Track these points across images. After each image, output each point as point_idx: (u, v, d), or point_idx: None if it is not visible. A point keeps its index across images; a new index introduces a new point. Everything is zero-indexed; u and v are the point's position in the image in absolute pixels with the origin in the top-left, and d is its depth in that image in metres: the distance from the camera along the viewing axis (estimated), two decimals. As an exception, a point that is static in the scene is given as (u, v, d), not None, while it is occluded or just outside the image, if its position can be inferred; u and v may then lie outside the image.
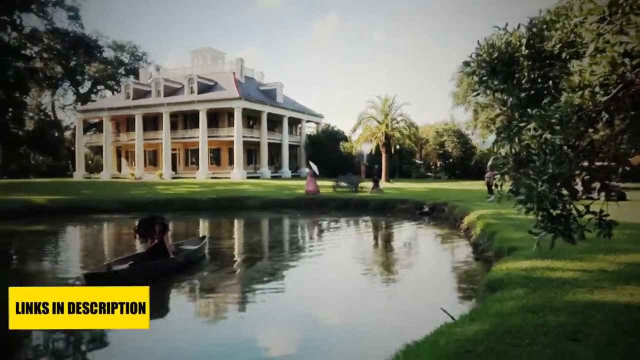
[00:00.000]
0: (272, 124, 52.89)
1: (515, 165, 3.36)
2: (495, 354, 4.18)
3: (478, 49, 3.92)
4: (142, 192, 29.28)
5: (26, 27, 34.80)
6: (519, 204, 3.26)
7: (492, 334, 4.66)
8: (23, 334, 6.67)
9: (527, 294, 6.04)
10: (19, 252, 14.51)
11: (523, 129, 3.36)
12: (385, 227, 19.09)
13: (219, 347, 6.30)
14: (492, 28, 3.89)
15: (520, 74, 3.83)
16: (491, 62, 3.82)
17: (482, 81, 3.94)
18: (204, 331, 7.00)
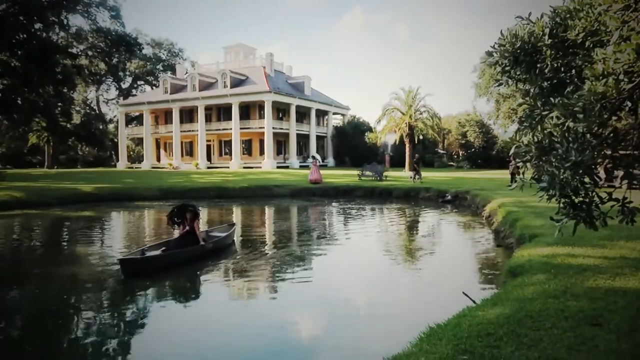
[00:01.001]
0: (300, 116, 52.94)
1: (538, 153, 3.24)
2: (516, 337, 4.10)
3: (501, 39, 3.78)
4: (180, 180, 29.76)
5: (72, 27, 35.49)
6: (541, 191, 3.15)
7: (513, 318, 4.57)
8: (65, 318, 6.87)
9: (548, 280, 5.90)
10: (68, 236, 14.96)
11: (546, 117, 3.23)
12: (408, 214, 18.92)
13: (249, 329, 6.31)
14: (515, 18, 3.75)
15: (543, 64, 3.68)
16: (514, 52, 3.68)
17: (505, 71, 3.81)
18: (234, 314, 7.03)
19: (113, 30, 36.01)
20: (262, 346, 5.69)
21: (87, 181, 28.86)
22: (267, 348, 5.62)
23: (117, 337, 6.03)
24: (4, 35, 29.93)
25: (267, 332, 6.12)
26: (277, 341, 5.81)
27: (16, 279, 9.00)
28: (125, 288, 8.05)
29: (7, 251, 12.15)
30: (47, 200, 21.61)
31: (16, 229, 15.82)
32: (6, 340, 5.96)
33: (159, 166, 53.10)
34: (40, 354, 5.47)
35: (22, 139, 58.81)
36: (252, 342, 5.80)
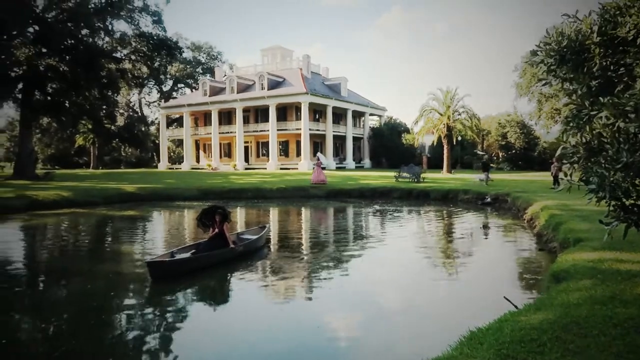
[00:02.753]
0: (336, 117, 52.97)
1: (586, 154, 3.15)
2: (562, 344, 3.98)
3: (546, 37, 3.69)
4: (218, 181, 30.32)
5: (117, 32, 36.60)
6: (590, 194, 3.06)
7: (557, 324, 4.44)
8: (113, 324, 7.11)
9: (594, 285, 5.70)
10: (113, 234, 15.50)
11: (594, 117, 3.14)
12: (447, 216, 18.63)
13: (286, 329, 6.36)
14: (562, 16, 3.65)
15: (591, 62, 3.57)
16: (560, 51, 3.59)
17: (551, 70, 3.72)
18: (269, 315, 7.01)
19: (155, 35, 36.96)
20: (298, 347, 5.71)
21: (130, 181, 29.80)
22: (304, 349, 5.64)
23: (153, 337, 6.15)
24: (54, 41, 31.24)
25: (304, 333, 6.14)
26: (314, 343, 5.82)
27: (64, 275, 9.40)
28: (162, 288, 8.13)
29: (56, 248, 12.70)
30: (93, 199, 22.47)
31: (64, 227, 16.51)
32: (53, 334, 6.24)
33: (198, 167, 54.22)
34: (82, 349, 5.69)
35: (70, 141, 61.24)
36: (288, 343, 5.82)
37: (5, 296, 7.83)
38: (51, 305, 7.47)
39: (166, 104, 59.28)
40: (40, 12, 31.84)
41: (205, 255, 9.35)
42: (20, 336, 6.15)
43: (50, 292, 8.49)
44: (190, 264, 8.96)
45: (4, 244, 13.26)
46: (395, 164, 44.37)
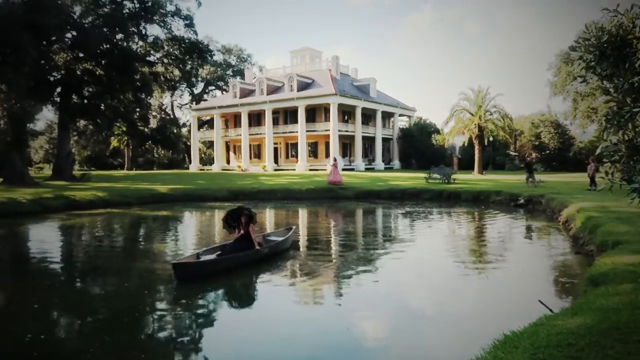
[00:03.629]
0: (366, 118, 52.80)
1: (628, 152, 3.03)
2: (600, 349, 3.85)
3: (585, 33, 3.57)
4: (248, 182, 30.64)
5: (150, 36, 37.43)
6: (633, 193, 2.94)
7: (596, 329, 4.29)
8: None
9: (635, 290, 5.49)
10: (146, 233, 15.85)
11: (637, 114, 3.02)
12: (478, 218, 18.30)
13: (315, 331, 6.32)
14: (602, 10, 3.52)
15: (633, 57, 3.44)
16: (600, 46, 3.47)
17: (590, 66, 3.59)
18: (298, 315, 7.02)
19: (187, 38, 37.64)
20: (327, 349, 5.66)
21: (163, 182, 30.43)
22: (333, 351, 5.59)
23: (183, 337, 6.21)
24: (90, 46, 32.20)
25: (333, 335, 6.07)
26: (343, 344, 5.76)
27: (100, 273, 9.66)
28: (191, 288, 8.16)
29: (92, 247, 13.07)
30: (127, 200, 23.06)
31: (100, 227, 16.98)
32: (88, 330, 6.41)
33: (229, 168, 54.91)
34: (116, 345, 5.82)
35: (105, 143, 62.98)
36: (317, 345, 5.79)
37: (44, 292, 8.10)
38: (87, 302, 7.69)
39: (197, 106, 60.28)
40: (77, 18, 32.88)
41: (231, 257, 9.28)
42: (57, 331, 6.34)
43: (86, 289, 8.74)
44: (215, 265, 8.92)
45: (43, 242, 13.75)
46: (425, 165, 43.89)
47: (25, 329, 6.08)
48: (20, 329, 6.09)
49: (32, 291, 8.19)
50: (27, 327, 6.14)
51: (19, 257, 11.81)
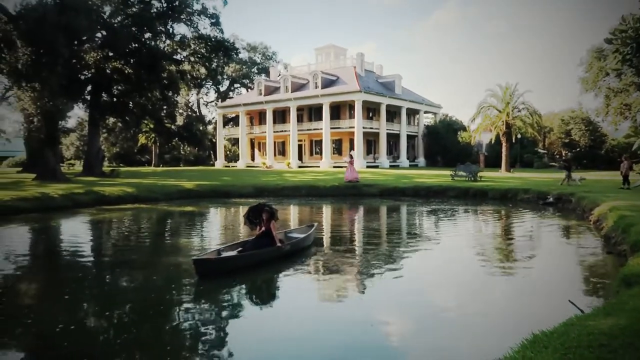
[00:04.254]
0: (390, 115, 52.47)
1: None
2: (635, 351, 3.73)
3: (622, 24, 3.45)
4: (273, 179, 30.80)
5: (177, 35, 37.95)
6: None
7: (630, 330, 4.16)
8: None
9: (671, 291, 5.30)
10: (172, 228, 16.10)
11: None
12: (505, 216, 17.98)
13: (337, 328, 6.28)
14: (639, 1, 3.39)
15: (672, 49, 3.30)
16: (638, 38, 3.35)
17: (626, 59, 3.48)
18: (321, 311, 6.99)
19: (213, 37, 38.00)
20: (351, 345, 5.61)
21: (189, 179, 30.85)
22: (357, 347, 5.54)
23: (207, 331, 6.23)
24: (119, 45, 32.84)
25: (356, 331, 6.01)
26: (367, 341, 5.71)
27: (128, 266, 9.85)
28: (215, 283, 8.23)
29: (121, 241, 13.34)
30: (154, 195, 23.48)
31: (128, 222, 17.32)
32: (116, 322, 6.54)
33: (253, 165, 55.33)
34: (142, 337, 5.92)
35: (133, 140, 64.21)
36: (340, 341, 5.71)
37: (75, 285, 8.31)
38: (115, 295, 7.86)
39: (223, 104, 60.90)
40: (107, 18, 33.58)
41: (252, 253, 9.25)
42: (86, 322, 6.49)
43: (114, 282, 8.93)
44: (236, 262, 8.92)
45: (75, 236, 14.11)
46: (450, 163, 43.36)
47: (56, 319, 6.25)
48: (52, 319, 6.26)
49: (63, 283, 8.41)
50: (59, 318, 6.31)
51: (52, 251, 12.14)
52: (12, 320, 6.29)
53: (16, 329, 5.99)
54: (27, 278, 9.14)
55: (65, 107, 29.04)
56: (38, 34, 24.97)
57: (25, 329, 6.01)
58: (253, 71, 72.98)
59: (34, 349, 5.47)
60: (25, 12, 26.53)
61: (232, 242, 10.57)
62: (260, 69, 73.13)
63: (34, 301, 7.52)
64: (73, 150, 68.30)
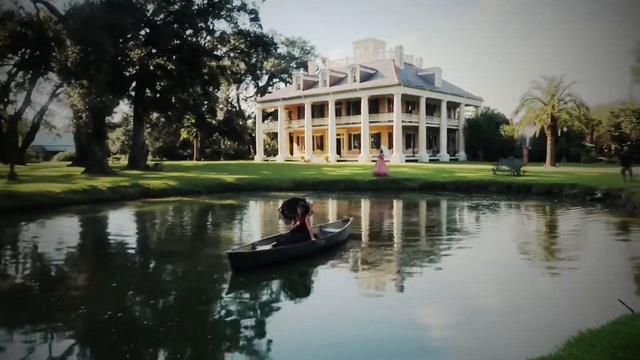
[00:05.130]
0: (430, 109, 51.63)
1: None
2: (690, 353, 3.56)
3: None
4: (311, 173, 30.94)
5: (217, 31, 38.60)
6: None
7: (685, 331, 3.98)
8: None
9: None
10: (213, 220, 16.47)
11: None
12: (550, 212, 17.42)
13: (375, 321, 6.25)
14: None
15: None
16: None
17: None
18: (357, 306, 6.95)
19: (252, 32, 38.47)
20: (389, 340, 5.58)
21: (229, 172, 31.41)
22: (395, 342, 5.50)
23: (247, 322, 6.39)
24: (162, 42, 33.78)
25: (394, 326, 5.97)
26: (405, 336, 5.66)
27: (172, 256, 10.17)
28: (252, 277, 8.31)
29: (165, 232, 13.76)
30: (196, 188, 24.08)
31: (172, 214, 17.83)
32: (160, 310, 6.76)
33: (292, 159, 55.71)
34: (185, 325, 6.10)
35: (175, 135, 65.89)
36: (378, 335, 5.71)
37: (122, 274, 8.65)
38: (159, 284, 8.13)
39: (262, 99, 61.53)
40: (150, 16, 34.51)
41: (286, 247, 9.20)
42: (132, 310, 6.75)
43: (159, 271, 9.23)
44: (270, 256, 8.91)
45: (121, 228, 14.67)
46: (492, 157, 42.30)
47: (105, 307, 6.53)
48: (101, 307, 6.54)
49: (112, 272, 8.76)
50: (107, 305, 6.59)
51: (100, 241, 12.67)
52: (66, 306, 6.62)
53: (70, 314, 6.30)
54: (78, 267, 9.57)
55: (112, 103, 30.05)
56: (86, 33, 25.94)
57: (77, 314, 6.31)
58: (292, 66, 73.32)
59: (86, 334, 5.73)
60: (74, 12, 27.61)
61: (267, 236, 10.61)
62: (298, 63, 73.40)
63: (85, 289, 7.87)
64: (119, 145, 70.69)
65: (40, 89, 46.05)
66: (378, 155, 28.75)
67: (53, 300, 6.88)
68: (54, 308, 6.53)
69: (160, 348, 5.36)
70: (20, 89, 43.78)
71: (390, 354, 5.12)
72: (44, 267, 9.33)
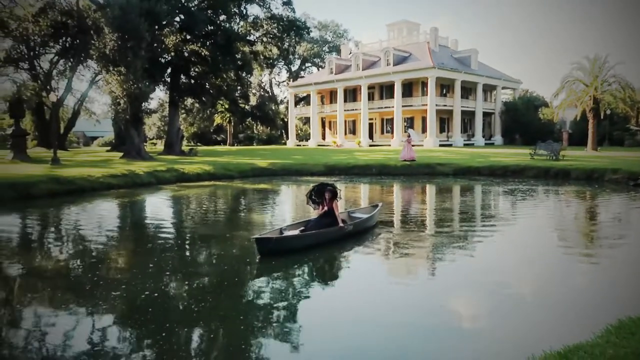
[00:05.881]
0: (465, 92, 50.51)
1: None
2: None
3: None
4: (343, 157, 30.90)
5: (250, 16, 38.71)
6: None
7: None
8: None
9: None
10: (247, 204, 16.71)
11: None
12: (590, 198, 16.87)
13: (405, 307, 6.24)
14: None
15: None
16: None
17: None
18: (387, 291, 6.92)
19: (285, 17, 38.44)
20: (420, 326, 5.57)
21: (262, 157, 31.72)
22: (426, 328, 5.48)
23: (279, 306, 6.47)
24: (196, 28, 34.15)
25: (425, 312, 5.93)
26: (436, 322, 5.61)
27: (206, 239, 10.40)
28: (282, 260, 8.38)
29: (199, 215, 14.06)
30: (230, 173, 24.46)
31: (207, 197, 18.18)
32: (195, 291, 6.94)
33: (324, 144, 55.72)
34: (221, 307, 6.24)
35: (209, 120, 66.85)
36: (408, 321, 5.71)
37: (159, 255, 8.91)
38: (194, 266, 8.34)
39: (294, 83, 61.55)
40: (184, 2, 34.88)
41: (314, 233, 9.10)
42: (168, 291, 6.95)
43: (194, 253, 9.46)
44: (297, 241, 8.85)
45: (158, 211, 15.07)
46: (530, 141, 41.20)
47: (143, 287, 6.75)
48: (139, 288, 6.77)
49: (149, 254, 9.04)
50: (145, 286, 6.81)
51: (139, 224, 13.07)
52: (107, 286, 6.88)
53: (110, 293, 6.55)
54: (118, 248, 9.91)
55: (148, 89, 30.70)
56: (123, 21, 26.49)
57: (118, 294, 6.55)
58: (324, 50, 72.90)
59: (125, 313, 5.95)
60: (112, 0, 28.17)
61: (295, 221, 10.59)
62: (331, 47, 72.91)
63: (124, 269, 8.15)
64: (155, 131, 72.31)
65: (80, 76, 47.58)
66: (405, 140, 28.24)
67: (95, 280, 7.16)
68: (96, 287, 6.80)
69: (195, 327, 5.51)
70: (62, 77, 45.31)
71: (422, 341, 5.11)
72: (86, 248, 9.70)
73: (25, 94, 38.00)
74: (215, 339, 5.31)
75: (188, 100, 47.20)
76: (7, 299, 6.58)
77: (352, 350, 4.86)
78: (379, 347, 4.90)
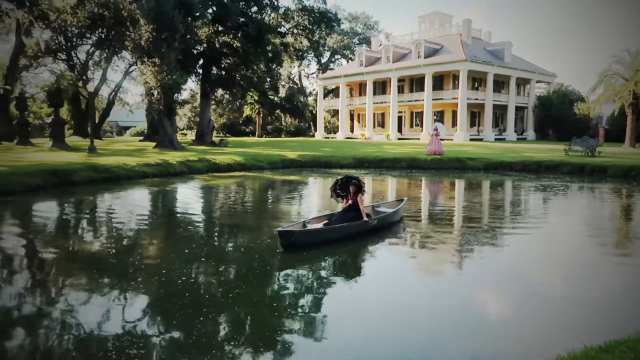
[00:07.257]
0: (497, 85, 49.52)
1: None
2: None
3: None
4: (372, 150, 30.83)
5: (281, 8, 38.80)
6: None
7: None
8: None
9: None
10: (276, 195, 16.93)
11: None
12: (627, 196, 16.43)
13: (429, 302, 6.25)
14: None
15: None
16: None
17: None
18: (411, 287, 6.94)
19: (316, 8, 38.38)
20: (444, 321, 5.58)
21: (291, 149, 31.94)
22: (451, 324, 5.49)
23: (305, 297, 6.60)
24: (229, 19, 34.47)
25: (450, 308, 5.90)
26: (462, 318, 5.60)
27: (237, 228, 10.63)
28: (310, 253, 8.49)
29: (230, 205, 14.34)
30: (260, 164, 24.78)
31: (237, 188, 18.49)
32: (226, 279, 7.15)
33: (352, 137, 55.60)
34: (250, 295, 6.42)
35: (239, 111, 67.49)
36: (432, 316, 5.74)
37: (193, 243, 9.18)
38: (226, 254, 8.57)
39: (323, 75, 61.50)
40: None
41: (337, 227, 9.04)
42: (202, 277, 7.18)
43: (225, 242, 9.70)
44: (320, 234, 8.82)
45: (191, 200, 15.44)
46: (564, 137, 40.18)
47: (179, 273, 7.00)
48: (175, 274, 7.03)
49: (183, 241, 9.33)
50: (180, 273, 7.06)
51: (172, 212, 13.43)
52: (142, 271, 7.16)
53: (146, 279, 6.82)
54: (153, 235, 10.24)
55: (181, 80, 31.20)
56: (158, 12, 26.97)
57: (154, 279, 6.82)
58: (354, 42, 72.51)
59: (162, 298, 6.20)
60: (147, -8, 28.66)
61: (319, 214, 10.60)
62: (361, 39, 72.45)
63: (159, 256, 8.44)
64: (186, 121, 73.43)
65: (114, 67, 48.63)
66: (433, 133, 27.69)
67: (130, 266, 7.45)
68: (132, 273, 7.08)
69: (227, 314, 5.71)
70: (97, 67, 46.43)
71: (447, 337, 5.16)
72: (122, 234, 10.06)
73: (63, 84, 39.11)
74: (247, 323, 5.49)
75: (218, 91, 47.73)
76: (53, 279, 6.96)
77: (377, 342, 4.92)
78: (404, 339, 4.99)
